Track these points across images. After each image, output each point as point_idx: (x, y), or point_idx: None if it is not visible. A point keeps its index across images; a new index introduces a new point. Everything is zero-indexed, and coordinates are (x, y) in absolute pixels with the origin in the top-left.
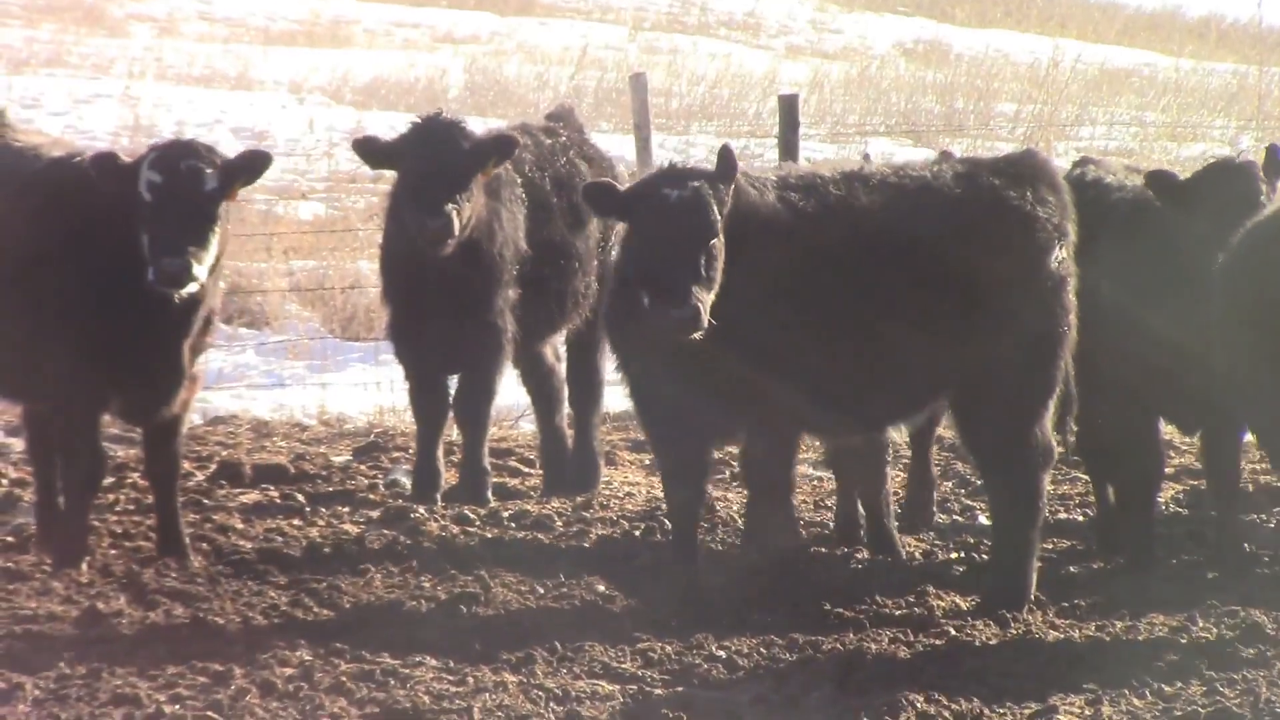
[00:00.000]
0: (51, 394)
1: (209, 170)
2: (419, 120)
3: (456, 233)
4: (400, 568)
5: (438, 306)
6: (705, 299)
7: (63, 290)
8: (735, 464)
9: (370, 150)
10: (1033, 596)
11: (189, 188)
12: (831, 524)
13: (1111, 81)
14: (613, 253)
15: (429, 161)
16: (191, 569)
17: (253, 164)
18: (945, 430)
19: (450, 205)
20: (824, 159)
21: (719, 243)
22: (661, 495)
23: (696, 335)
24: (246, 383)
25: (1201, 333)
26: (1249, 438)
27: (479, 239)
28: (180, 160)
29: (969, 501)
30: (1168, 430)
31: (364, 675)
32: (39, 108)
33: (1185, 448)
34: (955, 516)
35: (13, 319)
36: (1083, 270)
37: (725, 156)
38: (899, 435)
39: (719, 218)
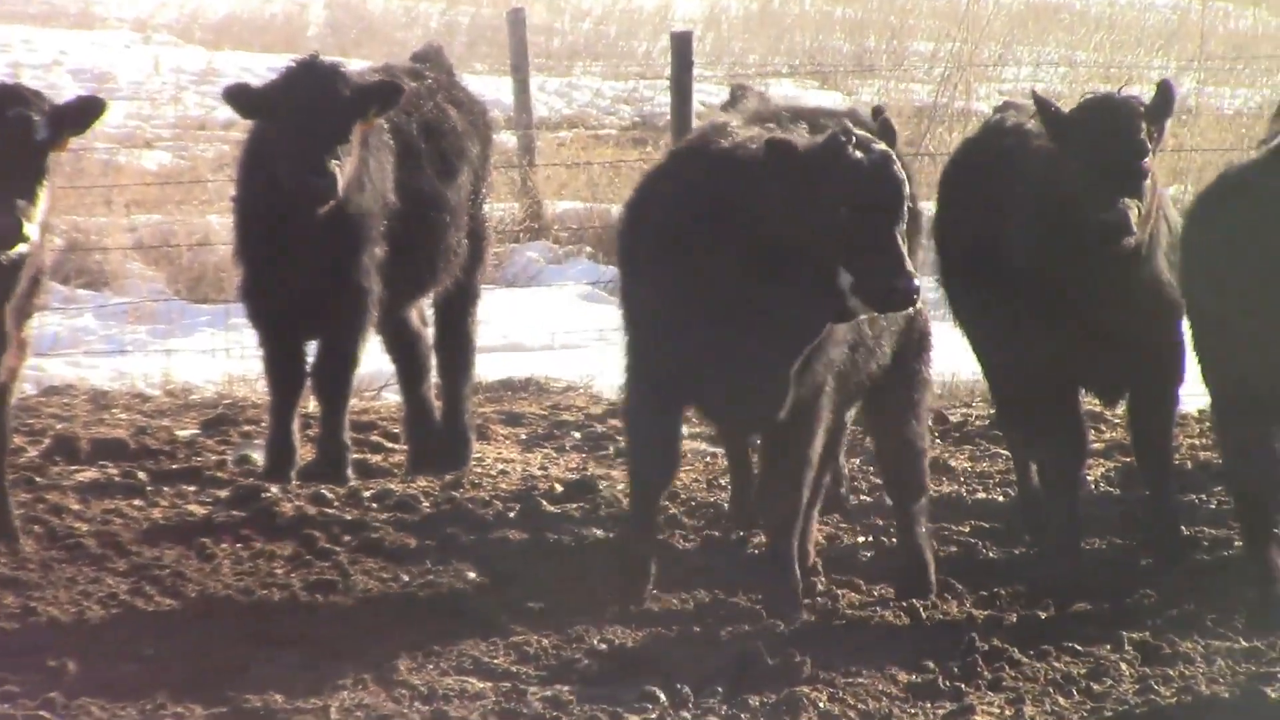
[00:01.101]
0: None
1: (37, 118)
2: (295, 64)
3: (340, 192)
4: (251, 553)
5: (297, 266)
6: None
7: None
8: (619, 439)
9: (243, 99)
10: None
11: (16, 138)
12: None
13: (1039, 18)
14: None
15: (308, 111)
16: (22, 554)
17: (86, 110)
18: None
19: (333, 161)
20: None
21: None
22: (539, 473)
23: None
24: (84, 349)
25: (1122, 291)
26: (1184, 408)
27: (346, 191)
28: (5, 108)
29: (879, 480)
30: (1095, 402)
31: (211, 671)
32: None
33: (1118, 421)
34: (864, 496)
35: None
36: (1000, 224)
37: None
38: None
39: None
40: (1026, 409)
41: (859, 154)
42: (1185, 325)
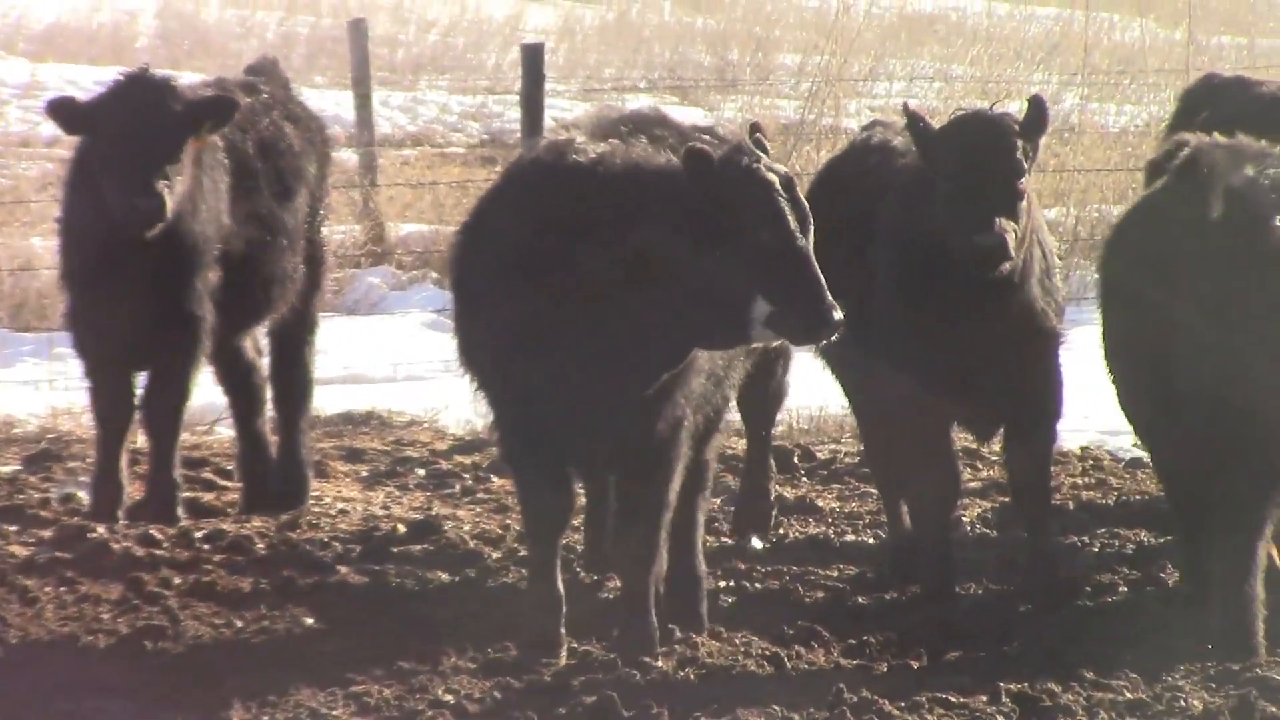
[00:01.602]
0: None
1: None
2: (122, 77)
3: (169, 215)
4: (76, 596)
5: (125, 292)
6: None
7: None
8: (466, 477)
9: (68, 114)
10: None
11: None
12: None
13: (912, 29)
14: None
15: (135, 128)
16: None
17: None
18: None
19: (162, 181)
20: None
21: None
22: (380, 513)
23: None
24: None
25: (996, 319)
26: (1064, 445)
27: (179, 213)
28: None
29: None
30: (969, 438)
31: None
32: None
33: (995, 458)
34: (724, 539)
35: None
36: (865, 249)
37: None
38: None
39: None
40: (897, 445)
41: (771, 173)
42: (1103, 353)
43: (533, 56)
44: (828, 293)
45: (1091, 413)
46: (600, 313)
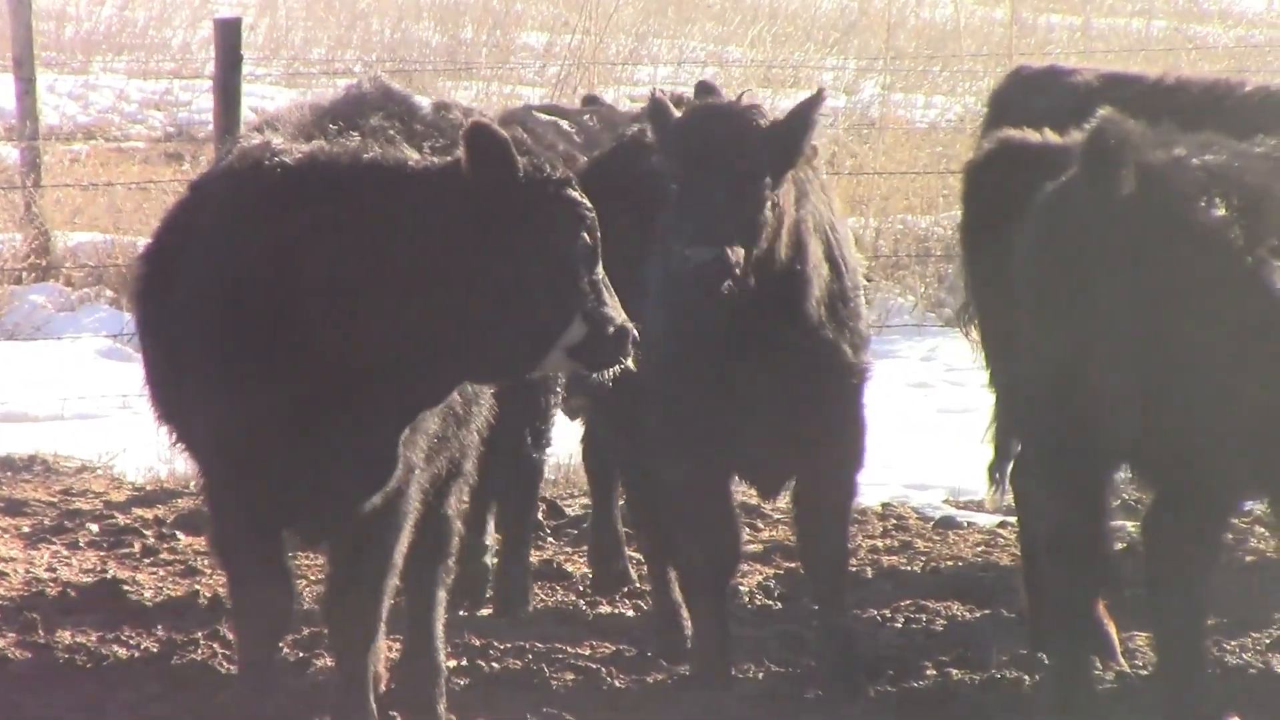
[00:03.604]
0: None
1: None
2: None
3: None
4: None
5: None
6: None
7: None
8: (147, 534)
9: None
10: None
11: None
12: None
13: (681, 5)
14: None
15: None
16: None
17: None
18: None
19: None
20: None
21: None
22: (46, 575)
23: None
24: None
25: (776, 353)
26: (863, 502)
27: None
28: None
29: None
30: (748, 493)
31: None
32: None
33: (779, 516)
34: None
35: None
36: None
37: None
38: None
39: None
40: (665, 501)
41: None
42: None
43: (228, 34)
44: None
45: (894, 462)
46: (343, 347)
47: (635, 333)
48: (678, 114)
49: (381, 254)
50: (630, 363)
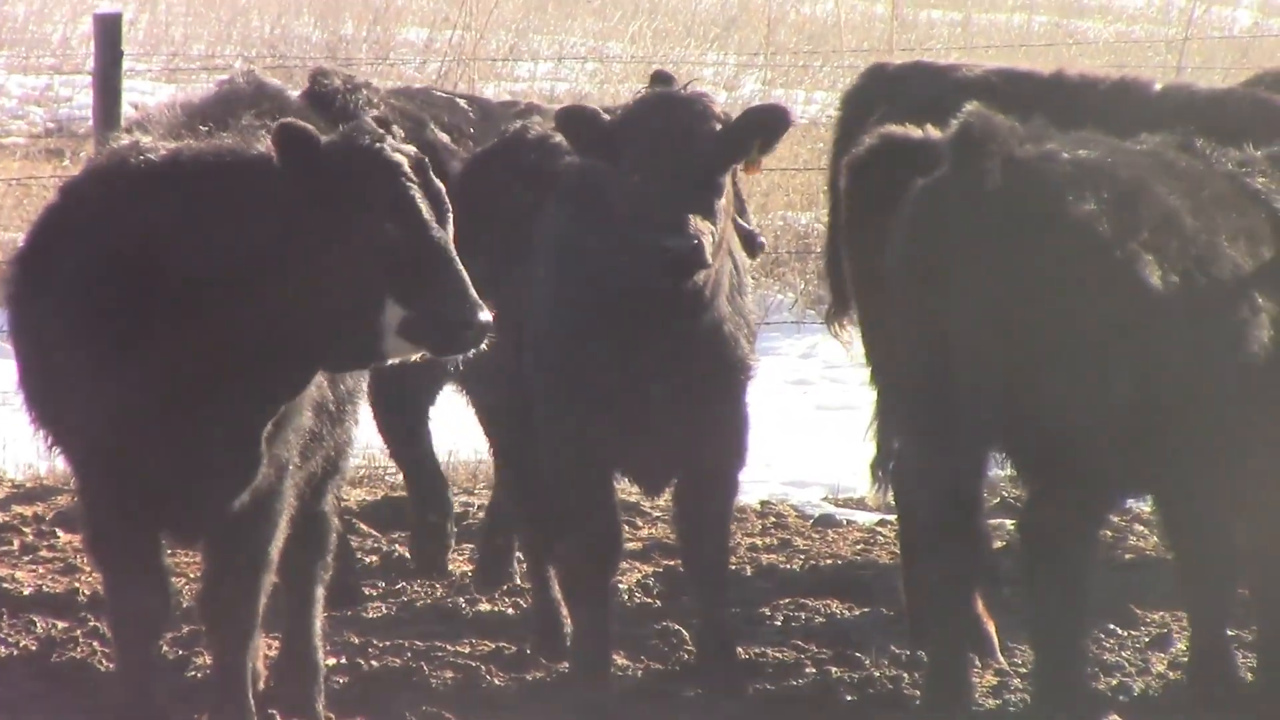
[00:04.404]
0: None
1: None
2: None
3: None
4: None
5: None
6: None
7: None
8: (27, 531)
9: None
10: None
11: None
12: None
13: (561, 2)
14: None
15: None
16: None
17: None
18: None
19: None
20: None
21: None
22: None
23: None
24: None
25: (677, 345)
26: (744, 499)
27: None
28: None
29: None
30: (627, 491)
31: None
32: None
33: (657, 514)
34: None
35: None
36: (517, 261)
37: None
38: None
39: None
40: (547, 496)
41: (397, 154)
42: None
43: (108, 29)
44: (472, 291)
45: (774, 460)
46: (203, 343)
47: (483, 315)
48: (607, 115)
49: (227, 245)
50: (484, 346)
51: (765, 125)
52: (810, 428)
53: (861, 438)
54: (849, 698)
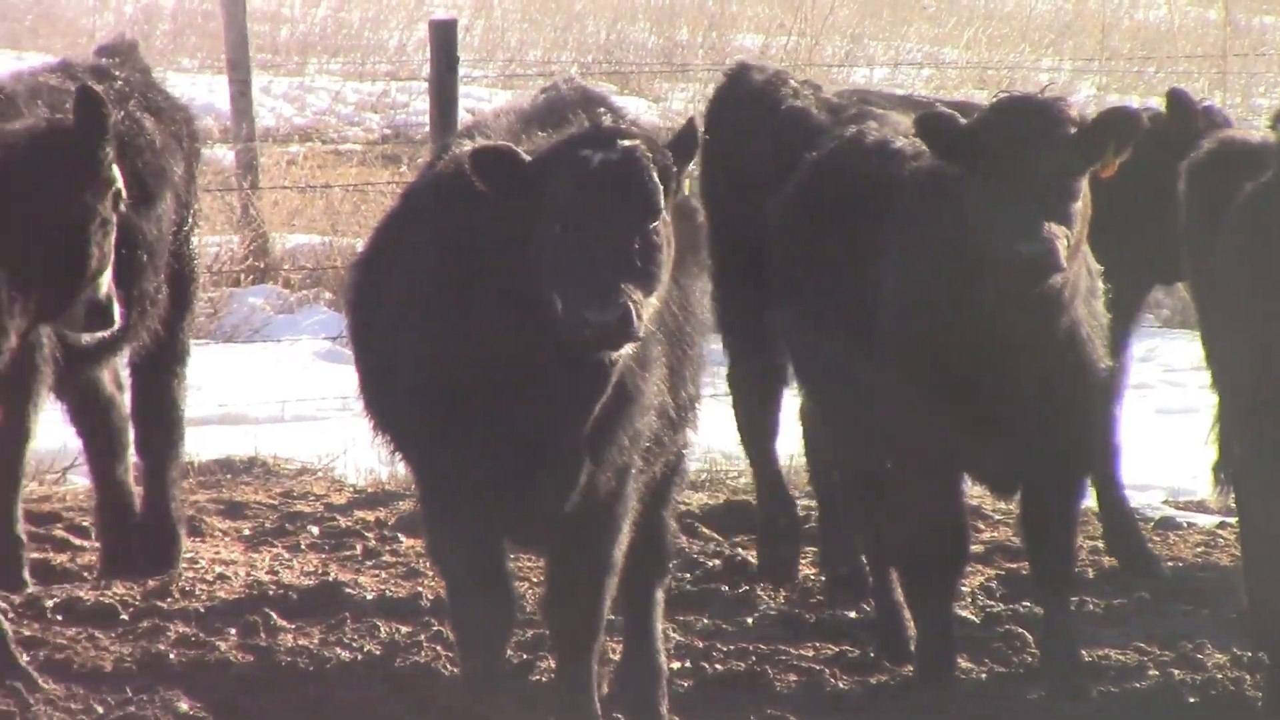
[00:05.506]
0: None
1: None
2: None
3: None
4: None
5: None
6: None
7: None
8: (369, 536)
9: None
10: None
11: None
12: None
13: (896, 7)
14: None
15: None
16: None
17: None
18: None
19: None
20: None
21: None
22: (267, 578)
23: None
24: None
25: (1033, 350)
26: (1089, 502)
27: None
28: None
29: None
30: (969, 494)
31: None
32: None
33: (999, 517)
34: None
35: None
36: (865, 269)
37: None
38: None
39: None
40: (893, 499)
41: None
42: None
43: (443, 35)
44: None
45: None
46: (525, 345)
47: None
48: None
49: None
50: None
51: (1120, 129)
52: (1150, 431)
53: (1202, 441)
54: (1191, 699)
